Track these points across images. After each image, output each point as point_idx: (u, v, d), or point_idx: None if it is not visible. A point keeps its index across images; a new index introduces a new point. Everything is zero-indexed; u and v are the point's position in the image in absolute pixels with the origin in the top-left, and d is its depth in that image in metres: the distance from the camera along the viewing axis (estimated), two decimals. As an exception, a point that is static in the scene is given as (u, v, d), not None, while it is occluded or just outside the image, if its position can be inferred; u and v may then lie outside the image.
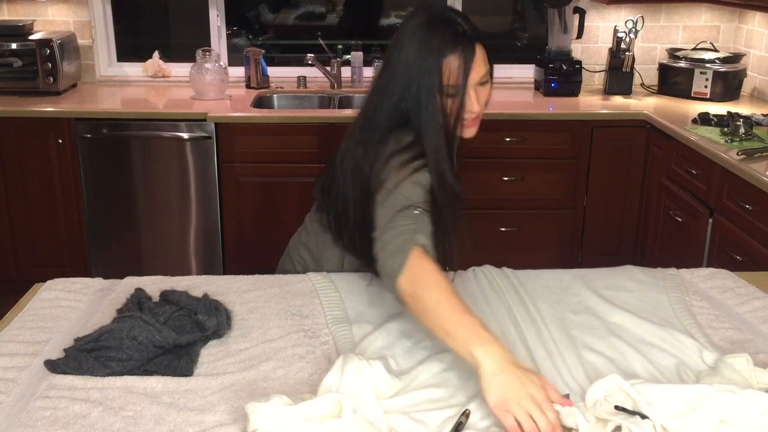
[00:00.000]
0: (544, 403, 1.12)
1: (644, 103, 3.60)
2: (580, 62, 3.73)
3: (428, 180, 1.50)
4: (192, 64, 3.62)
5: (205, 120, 3.34)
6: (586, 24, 3.76)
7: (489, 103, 1.63)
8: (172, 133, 3.37)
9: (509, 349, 1.22)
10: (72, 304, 1.58)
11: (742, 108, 3.38)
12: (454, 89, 1.53)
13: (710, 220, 2.83)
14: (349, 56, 3.89)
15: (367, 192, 1.54)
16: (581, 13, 3.72)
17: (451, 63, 1.51)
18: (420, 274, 1.31)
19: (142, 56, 3.95)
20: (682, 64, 3.68)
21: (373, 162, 1.55)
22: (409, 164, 1.51)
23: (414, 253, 1.33)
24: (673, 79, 3.71)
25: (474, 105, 1.57)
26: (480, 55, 1.55)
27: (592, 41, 3.91)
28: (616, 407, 1.14)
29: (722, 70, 3.58)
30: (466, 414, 1.17)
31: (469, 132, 1.65)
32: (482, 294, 1.62)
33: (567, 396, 1.22)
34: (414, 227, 1.39)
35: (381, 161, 1.54)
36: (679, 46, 3.88)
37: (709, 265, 2.59)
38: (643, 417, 1.11)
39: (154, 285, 1.60)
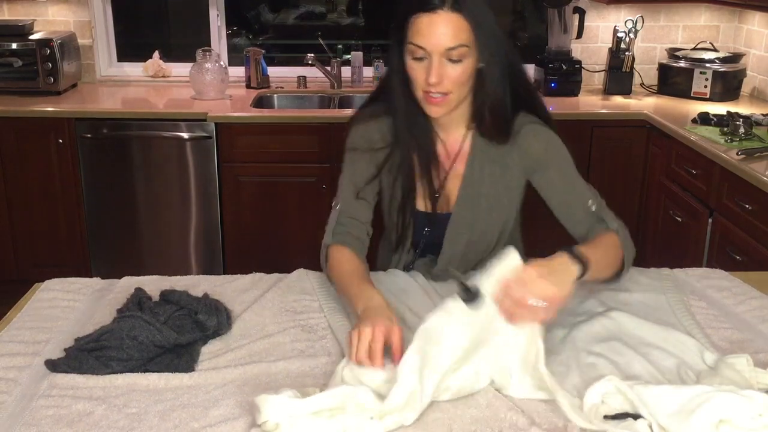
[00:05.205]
0: (371, 341, 1.25)
1: (644, 103, 3.60)
2: (579, 62, 3.73)
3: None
4: (192, 64, 3.62)
5: (205, 120, 3.34)
6: (585, 24, 3.76)
7: (469, 85, 1.54)
8: (172, 133, 3.37)
9: None
10: (71, 304, 1.58)
11: (742, 108, 3.38)
12: (421, 52, 1.50)
13: (710, 220, 2.83)
14: (349, 56, 3.89)
15: None
16: (581, 13, 3.73)
17: (419, 21, 1.48)
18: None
19: (142, 56, 3.95)
20: (682, 64, 3.68)
21: None
22: None
23: None
24: (673, 79, 3.71)
25: (421, 76, 1.51)
26: (448, 24, 1.47)
27: (592, 41, 3.91)
28: (605, 417, 1.14)
29: (722, 70, 3.58)
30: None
31: (431, 110, 1.56)
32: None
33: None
34: None
35: None
36: (678, 46, 3.88)
37: (708, 265, 2.59)
38: (636, 418, 1.11)
39: (152, 285, 1.60)
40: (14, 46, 3.54)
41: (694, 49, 3.82)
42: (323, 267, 1.62)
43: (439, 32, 1.47)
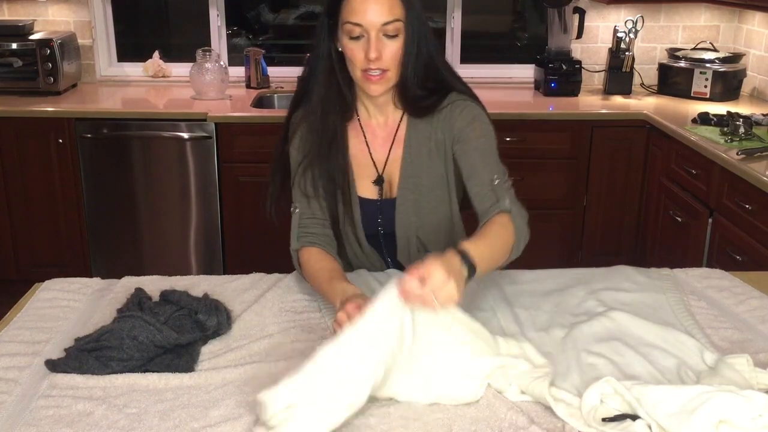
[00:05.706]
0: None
1: (644, 103, 3.60)
2: (579, 62, 3.73)
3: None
4: (192, 64, 3.62)
5: (205, 120, 3.34)
6: (585, 24, 3.76)
7: (401, 62, 1.57)
8: (172, 133, 3.37)
9: None
10: (70, 304, 1.58)
11: (742, 108, 3.38)
12: (358, 30, 1.52)
13: (710, 220, 2.83)
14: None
15: None
16: (581, 13, 3.73)
17: (353, 0, 1.52)
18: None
19: (142, 56, 3.95)
20: (682, 64, 3.68)
21: None
22: None
23: None
24: (673, 79, 3.71)
25: (360, 55, 1.53)
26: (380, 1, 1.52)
27: (592, 41, 3.91)
28: (604, 419, 1.14)
29: (722, 70, 3.58)
30: None
31: (371, 88, 1.59)
32: (484, 296, 1.62)
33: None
34: None
35: None
36: (678, 46, 3.88)
37: (709, 265, 2.59)
38: (635, 418, 1.11)
39: (152, 285, 1.60)
40: (14, 46, 3.54)
41: (694, 49, 3.82)
42: (298, 271, 1.68)
43: (374, 8, 1.52)
